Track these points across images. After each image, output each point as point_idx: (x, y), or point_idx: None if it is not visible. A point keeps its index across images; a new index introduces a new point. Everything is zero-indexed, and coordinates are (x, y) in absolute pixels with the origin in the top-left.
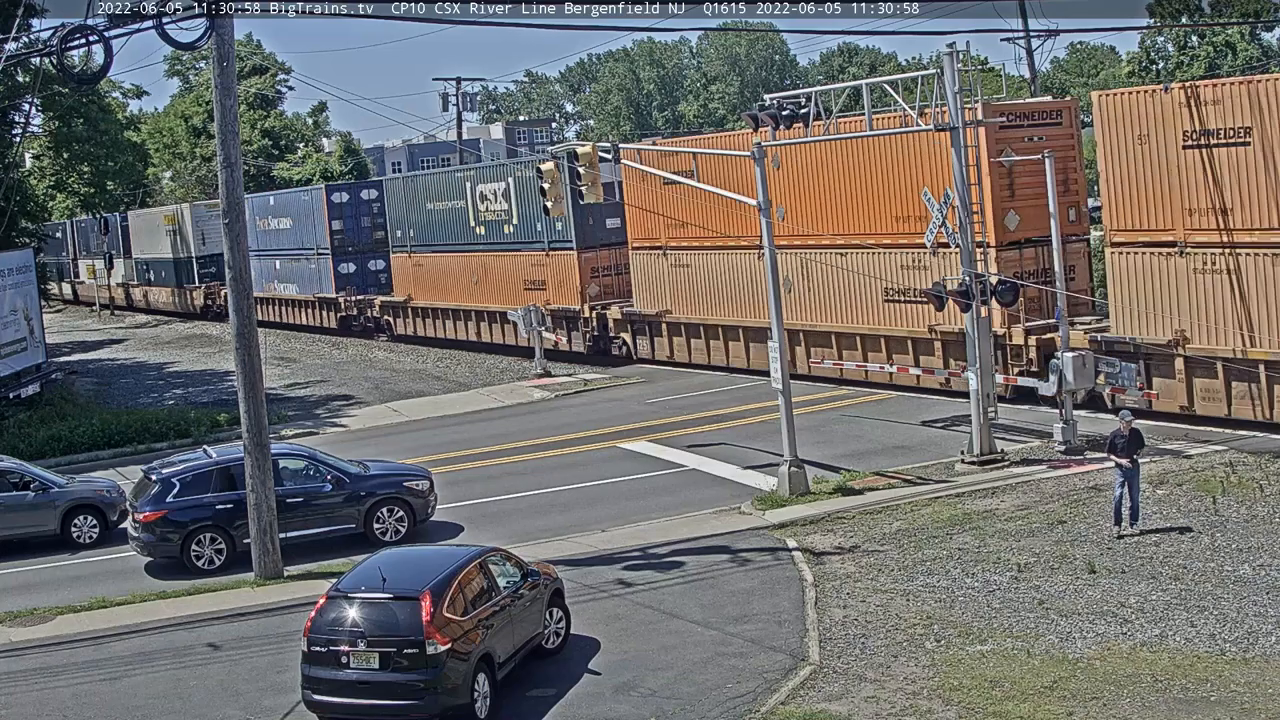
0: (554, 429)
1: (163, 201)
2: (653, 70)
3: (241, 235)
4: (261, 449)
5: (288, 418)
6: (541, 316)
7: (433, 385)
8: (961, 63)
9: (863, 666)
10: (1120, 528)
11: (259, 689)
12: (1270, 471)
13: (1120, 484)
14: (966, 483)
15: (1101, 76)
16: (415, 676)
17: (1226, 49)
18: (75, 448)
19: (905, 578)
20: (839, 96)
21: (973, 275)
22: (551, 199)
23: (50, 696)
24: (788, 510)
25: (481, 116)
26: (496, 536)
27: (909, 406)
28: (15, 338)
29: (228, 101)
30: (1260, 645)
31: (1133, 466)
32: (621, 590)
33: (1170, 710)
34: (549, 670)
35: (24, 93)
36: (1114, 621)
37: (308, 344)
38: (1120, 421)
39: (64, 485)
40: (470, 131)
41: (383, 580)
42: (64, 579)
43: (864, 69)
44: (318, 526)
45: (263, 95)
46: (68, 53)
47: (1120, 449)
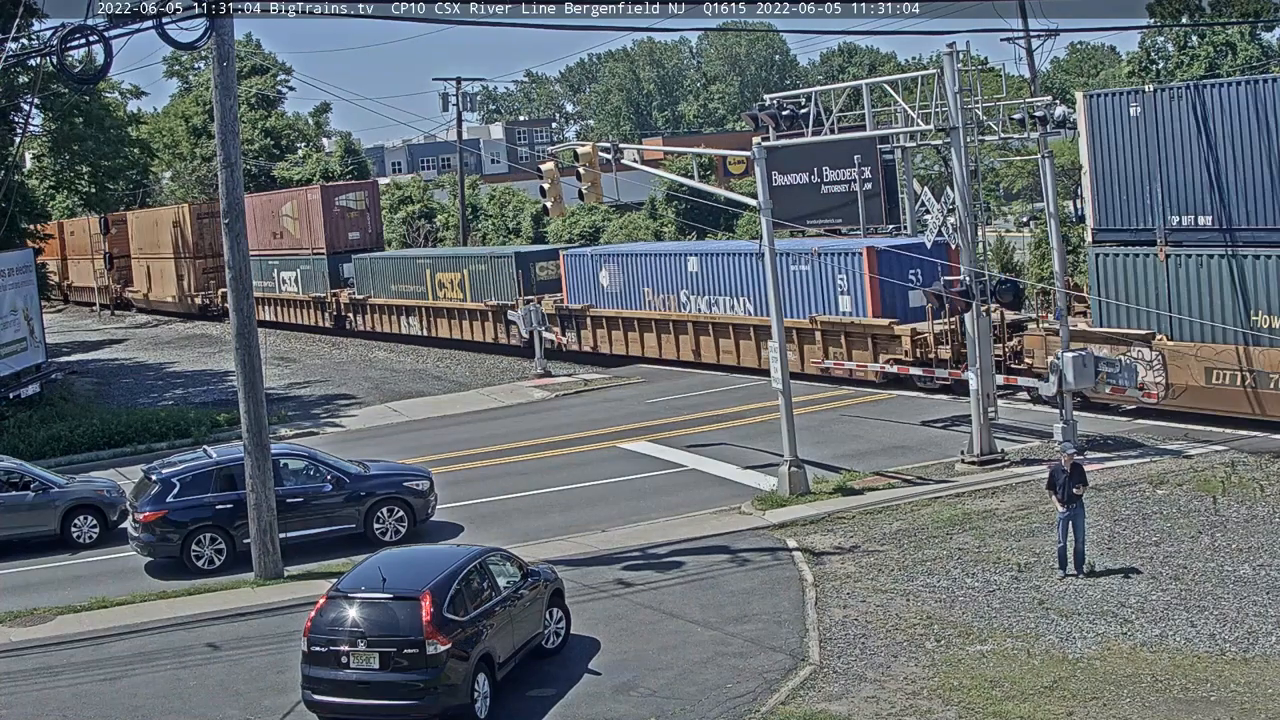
0: (554, 429)
1: (163, 202)
2: (653, 70)
3: (242, 235)
4: (261, 449)
5: (288, 418)
6: (542, 317)
7: (432, 385)
8: (961, 63)
9: (863, 666)
10: (1065, 571)
11: (259, 689)
12: (1270, 471)
13: (1062, 524)
14: (966, 483)
15: (1102, 76)
16: (415, 676)
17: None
18: (75, 448)
19: (905, 578)
20: (839, 96)
21: (973, 275)
22: (551, 199)
23: (50, 696)
24: (788, 510)
25: (481, 116)
26: (496, 536)
27: (909, 406)
28: (15, 338)
29: (228, 101)
30: (1260, 645)
31: (1076, 507)
32: (621, 590)
33: (1170, 710)
34: (549, 670)
35: (24, 93)
36: (1114, 621)
37: (308, 344)
38: (1061, 455)
39: (64, 485)
40: (470, 131)
41: (383, 580)
42: (64, 579)
43: (864, 69)
44: (318, 526)
45: (263, 95)
46: (68, 53)
47: (1059, 486)
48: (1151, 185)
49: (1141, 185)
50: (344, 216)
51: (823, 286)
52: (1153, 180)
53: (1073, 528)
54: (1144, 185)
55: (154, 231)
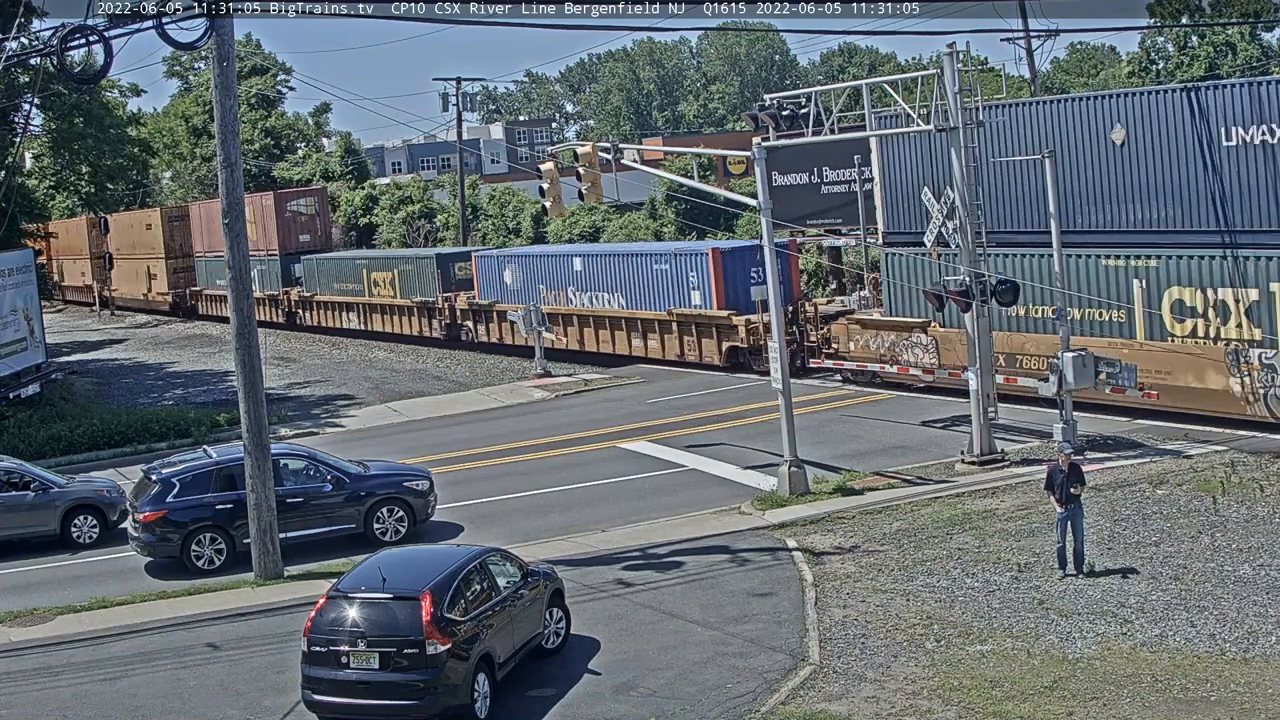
0: (554, 429)
1: (163, 201)
2: (653, 70)
3: (242, 235)
4: (261, 449)
5: (288, 418)
6: (541, 317)
7: (432, 385)
8: (961, 63)
9: (863, 666)
10: (1064, 570)
11: (259, 689)
12: (1270, 471)
13: (1061, 524)
14: (966, 483)
15: (1101, 76)
16: (415, 676)
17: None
18: (75, 448)
19: (905, 578)
20: (839, 97)
21: (973, 275)
22: (551, 199)
23: (50, 696)
24: (788, 510)
25: (481, 116)
26: (496, 536)
27: (909, 406)
28: (15, 338)
29: (228, 101)
30: (1260, 645)
31: (1075, 507)
32: (621, 590)
33: (1170, 710)
34: (549, 670)
35: (24, 93)
36: (1114, 621)
37: (307, 344)
38: (1059, 454)
39: (64, 485)
40: (470, 131)
41: (383, 580)
42: (64, 579)
43: (864, 69)
44: (318, 526)
45: (263, 95)
46: (68, 53)
47: (1057, 486)
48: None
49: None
50: (295, 220)
51: (679, 283)
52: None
53: (1072, 528)
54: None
55: (130, 234)
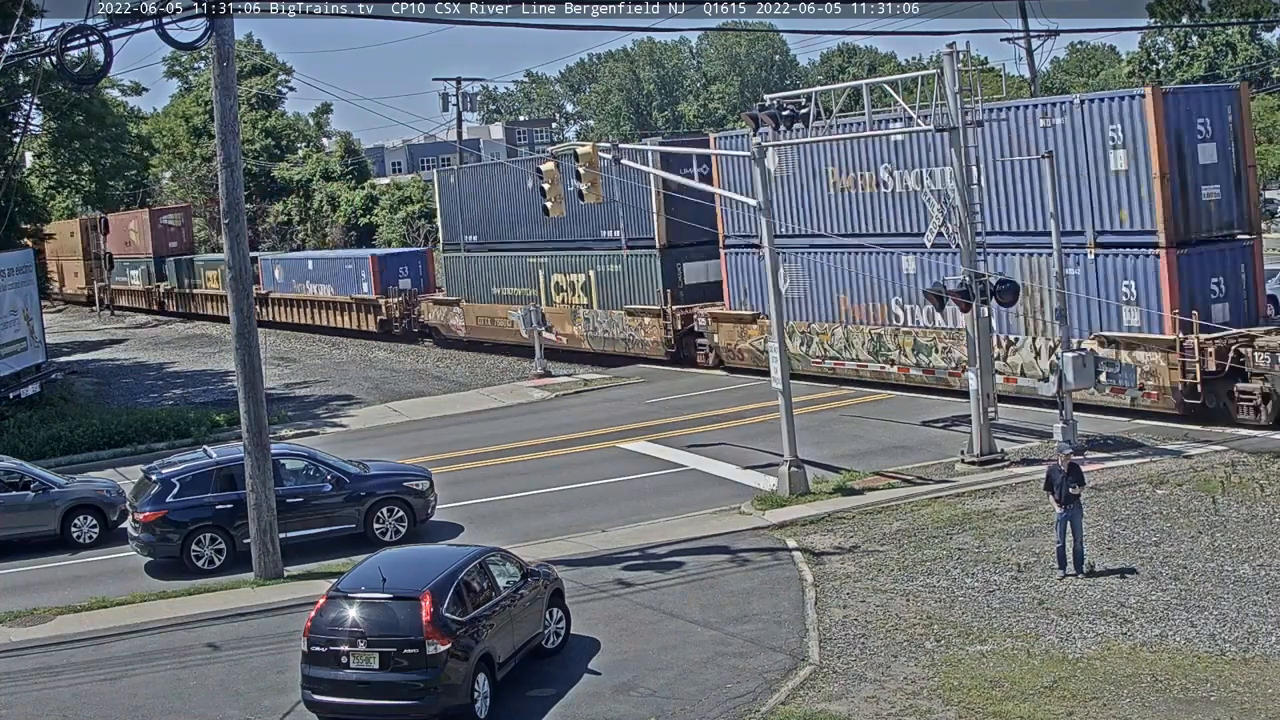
0: (554, 429)
1: (163, 201)
2: (653, 70)
3: (242, 235)
4: (261, 449)
5: (288, 418)
6: (541, 316)
7: (432, 385)
8: (961, 63)
9: (863, 666)
10: (1064, 570)
11: (259, 689)
12: (1270, 471)
13: (1061, 524)
14: (966, 483)
15: (1102, 76)
16: (415, 676)
17: (1227, 49)
18: (75, 448)
19: (905, 578)
20: (839, 97)
21: (973, 275)
22: (551, 199)
23: (50, 696)
24: (788, 510)
25: (481, 116)
26: (496, 536)
27: (909, 406)
28: (15, 338)
29: (228, 101)
30: (1260, 645)
31: (1075, 507)
32: (621, 590)
33: (1170, 710)
34: (549, 670)
35: (24, 92)
36: (1114, 621)
37: (307, 344)
38: (1058, 455)
39: (64, 485)
40: (470, 131)
41: (383, 580)
42: (64, 579)
43: (864, 69)
44: (318, 526)
45: (263, 95)
46: (68, 53)
47: (1057, 486)
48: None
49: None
50: (166, 231)
51: (351, 279)
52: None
53: (1071, 528)
54: None
55: (65, 240)
